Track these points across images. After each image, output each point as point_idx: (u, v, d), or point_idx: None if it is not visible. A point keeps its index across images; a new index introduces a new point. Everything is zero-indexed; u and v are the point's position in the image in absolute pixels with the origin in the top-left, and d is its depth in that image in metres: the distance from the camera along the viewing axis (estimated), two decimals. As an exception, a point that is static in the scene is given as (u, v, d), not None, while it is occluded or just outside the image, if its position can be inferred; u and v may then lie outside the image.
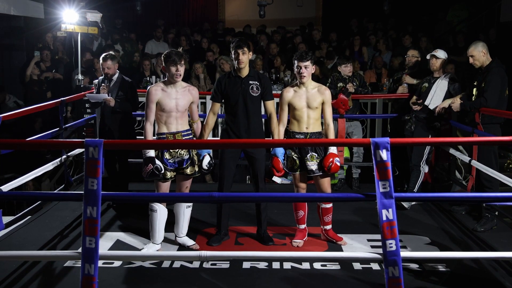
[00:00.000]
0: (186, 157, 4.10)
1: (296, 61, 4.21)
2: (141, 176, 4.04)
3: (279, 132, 4.30)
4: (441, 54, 5.28)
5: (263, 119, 4.54)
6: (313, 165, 4.23)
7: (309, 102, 4.22)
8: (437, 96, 5.24)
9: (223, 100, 4.35)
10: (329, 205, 4.36)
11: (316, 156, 4.22)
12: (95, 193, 2.83)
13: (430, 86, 5.31)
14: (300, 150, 4.25)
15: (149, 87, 4.12)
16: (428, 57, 5.47)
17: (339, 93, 5.70)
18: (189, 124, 4.22)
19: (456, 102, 5.01)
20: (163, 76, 3.84)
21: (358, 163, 6.20)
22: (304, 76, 4.19)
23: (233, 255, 3.73)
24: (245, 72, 4.26)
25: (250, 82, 4.24)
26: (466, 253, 4.00)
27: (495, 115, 4.73)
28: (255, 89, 4.24)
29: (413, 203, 5.30)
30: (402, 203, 5.20)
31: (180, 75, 4.04)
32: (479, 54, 4.81)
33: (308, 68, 4.18)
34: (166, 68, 4.03)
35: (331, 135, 4.31)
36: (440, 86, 5.26)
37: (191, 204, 4.24)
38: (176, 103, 4.04)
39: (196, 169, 4.16)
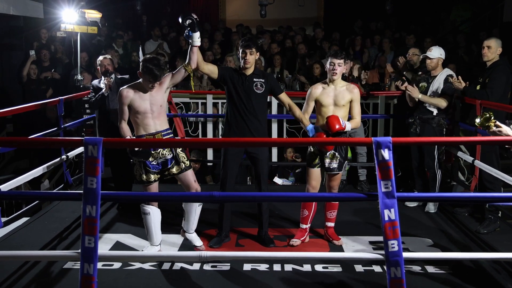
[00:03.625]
0: (169, 156, 4.01)
1: (330, 58, 4.25)
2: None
3: (304, 117, 4.29)
4: (435, 53, 5.20)
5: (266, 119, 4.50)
6: (333, 163, 4.26)
7: (336, 100, 4.25)
8: (436, 95, 5.19)
9: (221, 81, 4.26)
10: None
11: (337, 155, 4.25)
12: (94, 192, 2.80)
13: (429, 86, 5.27)
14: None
15: (120, 89, 3.98)
16: (421, 57, 5.44)
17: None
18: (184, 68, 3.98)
19: (462, 83, 4.99)
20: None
21: (363, 164, 6.16)
22: (336, 73, 4.22)
23: (233, 255, 3.70)
24: (250, 71, 4.25)
25: (255, 79, 4.22)
26: (468, 254, 3.96)
27: (496, 108, 4.66)
28: (259, 86, 4.22)
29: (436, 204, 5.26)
30: (428, 210, 5.21)
31: (154, 88, 3.90)
32: (496, 48, 4.81)
33: (341, 66, 4.22)
34: (142, 76, 3.87)
35: (354, 125, 4.28)
36: (438, 85, 5.22)
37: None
38: (150, 103, 3.92)
39: (182, 166, 4.07)
